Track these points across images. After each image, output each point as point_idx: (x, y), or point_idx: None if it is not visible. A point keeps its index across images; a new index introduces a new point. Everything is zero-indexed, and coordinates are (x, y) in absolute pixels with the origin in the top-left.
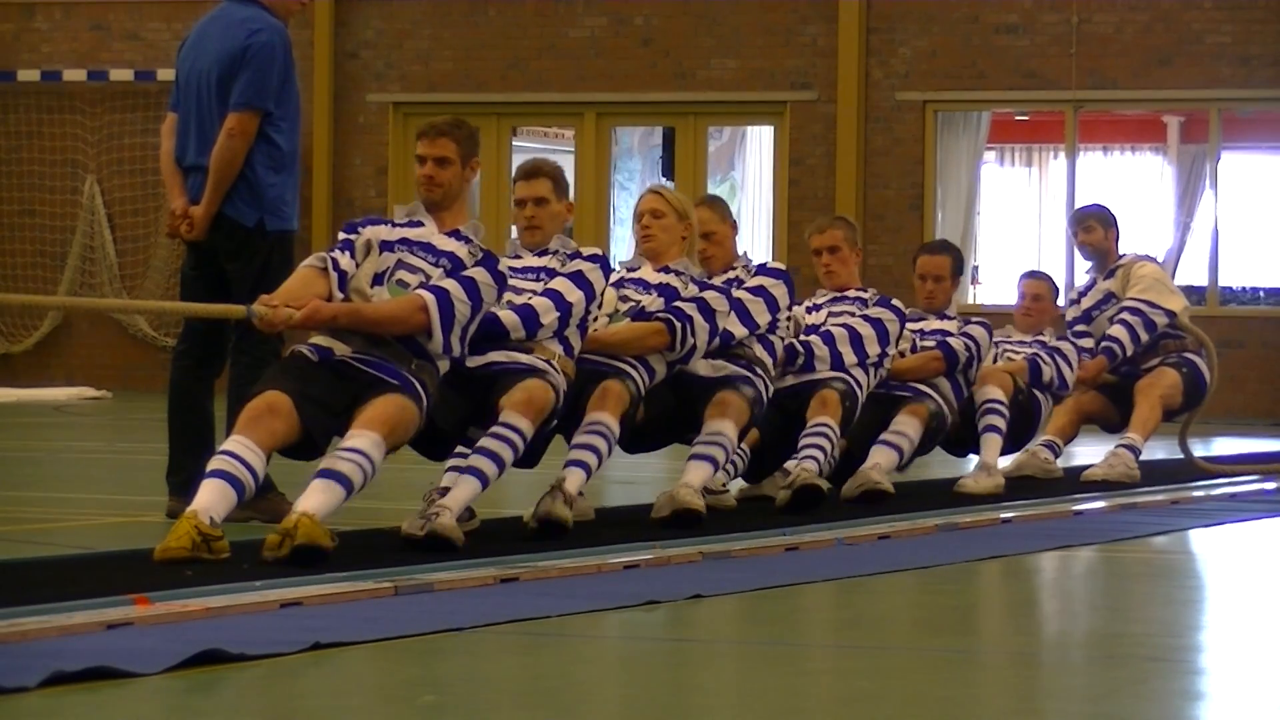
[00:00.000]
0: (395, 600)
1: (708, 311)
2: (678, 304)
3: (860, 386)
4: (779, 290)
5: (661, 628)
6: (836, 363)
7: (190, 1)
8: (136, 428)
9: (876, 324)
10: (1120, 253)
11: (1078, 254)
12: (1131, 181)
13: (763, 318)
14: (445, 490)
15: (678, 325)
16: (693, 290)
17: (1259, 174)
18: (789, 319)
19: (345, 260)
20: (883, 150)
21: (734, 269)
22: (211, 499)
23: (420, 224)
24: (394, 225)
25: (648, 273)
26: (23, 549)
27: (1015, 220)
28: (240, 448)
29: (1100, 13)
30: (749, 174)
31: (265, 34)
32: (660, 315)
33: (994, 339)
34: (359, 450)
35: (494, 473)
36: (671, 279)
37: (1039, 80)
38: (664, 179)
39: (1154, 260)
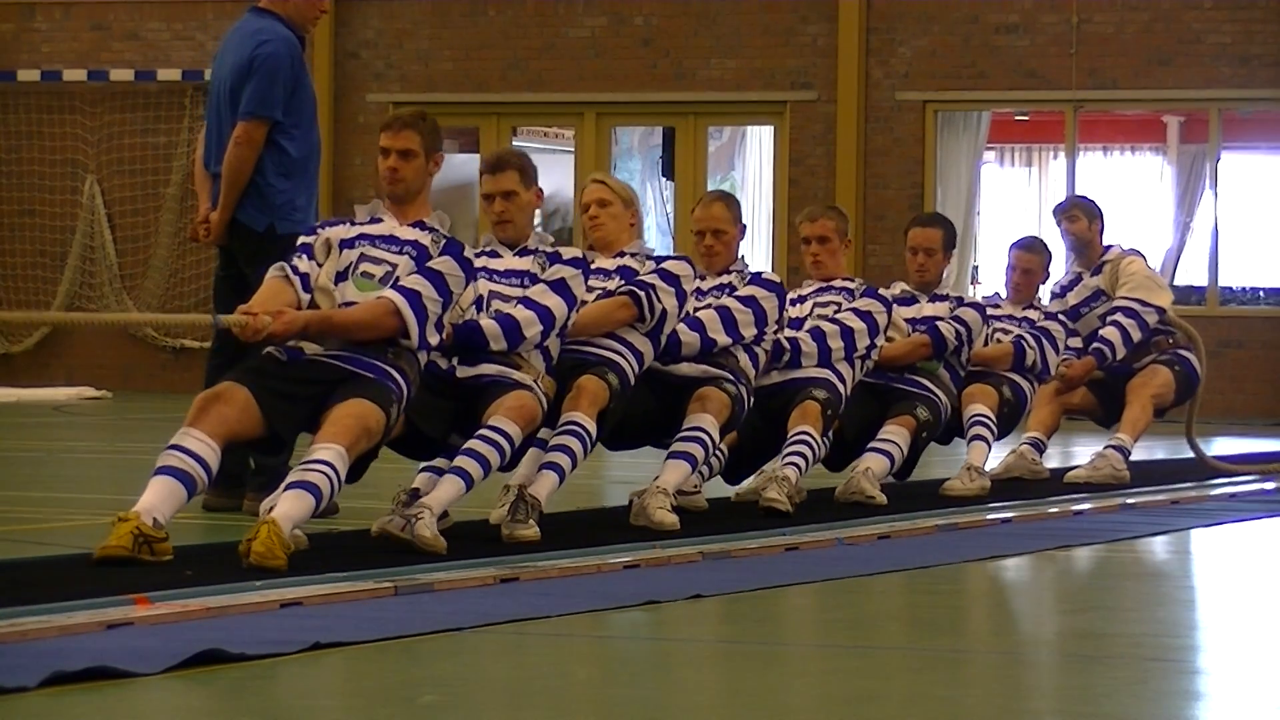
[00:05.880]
0: (395, 600)
1: (670, 277)
2: (638, 278)
3: (845, 382)
4: (770, 303)
5: (661, 628)
6: (824, 358)
7: (190, 1)
8: (136, 428)
9: (866, 316)
10: (1105, 245)
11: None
12: (1131, 181)
13: (748, 330)
14: (415, 492)
15: (640, 294)
16: (650, 265)
17: (1259, 174)
18: (776, 331)
19: (305, 264)
20: (883, 150)
21: (730, 273)
22: (156, 499)
23: (380, 220)
24: (353, 224)
25: (604, 262)
26: (23, 549)
27: (1015, 220)
28: (187, 439)
29: (1100, 13)
30: (749, 174)
31: (272, 44)
32: (621, 290)
33: (988, 314)
34: (325, 462)
35: (479, 475)
36: (628, 260)
37: (1039, 80)
38: (664, 179)
39: (1140, 255)
